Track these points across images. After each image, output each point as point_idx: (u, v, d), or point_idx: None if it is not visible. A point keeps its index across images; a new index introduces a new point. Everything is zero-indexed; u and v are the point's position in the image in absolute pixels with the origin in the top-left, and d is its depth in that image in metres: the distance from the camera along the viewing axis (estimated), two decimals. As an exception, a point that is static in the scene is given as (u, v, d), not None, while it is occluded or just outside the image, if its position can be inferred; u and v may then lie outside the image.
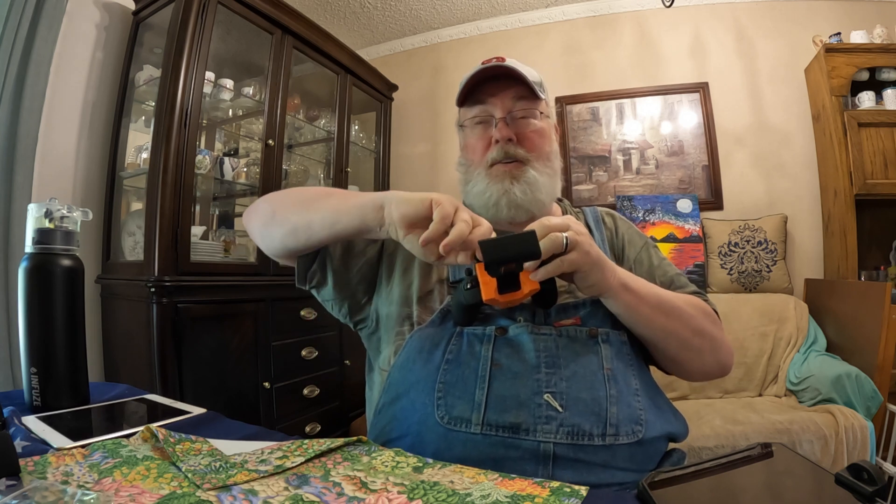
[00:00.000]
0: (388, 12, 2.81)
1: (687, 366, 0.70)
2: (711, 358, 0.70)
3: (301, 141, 2.49)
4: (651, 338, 0.66)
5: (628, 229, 0.83)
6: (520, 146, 0.74)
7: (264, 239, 0.72)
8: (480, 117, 0.76)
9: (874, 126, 2.08)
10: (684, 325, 0.66)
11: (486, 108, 0.75)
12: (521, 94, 0.74)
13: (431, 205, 0.53)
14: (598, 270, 0.58)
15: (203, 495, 0.39)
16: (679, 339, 0.66)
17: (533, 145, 0.74)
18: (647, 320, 0.64)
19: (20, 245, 1.49)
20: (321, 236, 0.65)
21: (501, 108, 0.74)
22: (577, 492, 0.40)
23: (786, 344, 2.05)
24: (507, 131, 0.73)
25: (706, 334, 0.68)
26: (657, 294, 0.65)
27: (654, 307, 0.64)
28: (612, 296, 0.61)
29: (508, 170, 0.73)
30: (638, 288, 0.63)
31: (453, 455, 0.56)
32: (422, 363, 0.63)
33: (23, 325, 0.63)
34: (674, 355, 0.69)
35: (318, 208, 0.65)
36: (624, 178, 2.64)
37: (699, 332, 0.67)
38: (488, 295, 0.56)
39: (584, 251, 0.56)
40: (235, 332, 1.76)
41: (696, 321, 0.67)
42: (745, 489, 0.45)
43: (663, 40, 2.65)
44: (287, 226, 0.68)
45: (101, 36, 1.82)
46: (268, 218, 0.71)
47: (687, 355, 0.69)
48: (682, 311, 0.66)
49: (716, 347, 0.70)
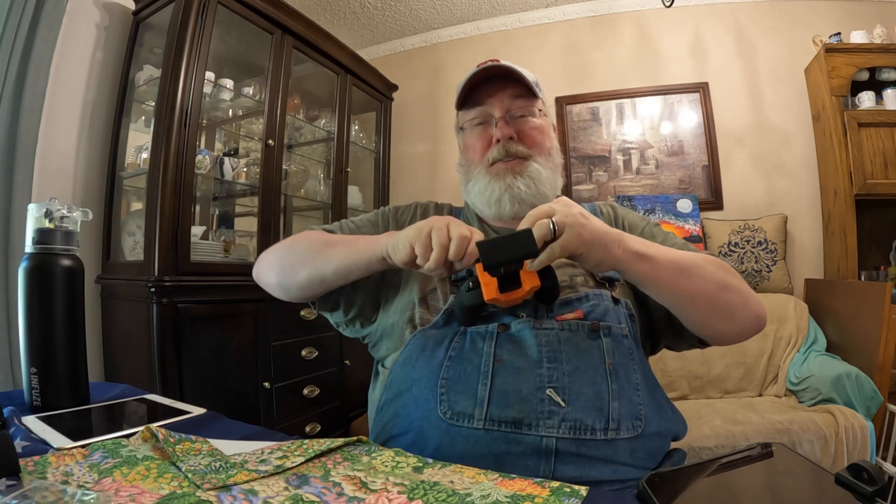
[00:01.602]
0: (388, 12, 2.81)
1: (720, 326, 0.66)
2: (744, 312, 0.66)
3: (301, 141, 2.49)
4: (676, 303, 0.64)
5: (627, 214, 0.83)
6: (520, 143, 0.74)
7: (282, 293, 0.76)
8: (480, 118, 0.76)
9: (874, 126, 2.08)
10: (708, 281, 0.63)
11: (485, 108, 0.76)
12: (519, 92, 0.75)
13: (412, 246, 0.58)
14: (600, 248, 0.57)
15: (203, 495, 0.39)
16: (706, 297, 0.63)
17: (534, 141, 0.75)
18: (668, 285, 0.62)
19: (20, 245, 1.49)
20: (335, 285, 0.72)
21: (500, 107, 0.74)
22: (577, 492, 0.40)
23: (786, 344, 2.05)
24: (508, 129, 0.74)
25: (732, 288, 0.65)
26: (674, 256, 0.63)
27: (673, 270, 0.61)
28: (624, 268, 0.60)
29: (510, 167, 0.74)
30: (653, 254, 0.61)
31: (455, 450, 0.56)
32: (424, 360, 0.63)
33: (23, 325, 0.63)
34: (704, 317, 0.65)
35: (327, 263, 0.69)
36: (624, 178, 2.64)
37: (725, 286, 0.64)
38: (490, 295, 0.56)
39: (575, 233, 0.55)
40: (235, 332, 1.76)
41: (719, 276, 0.64)
42: (745, 489, 0.45)
43: (663, 40, 2.65)
44: (301, 281, 0.72)
45: (101, 36, 1.82)
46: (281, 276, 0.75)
47: (718, 316, 0.65)
48: (702, 268, 0.63)
49: (745, 300, 0.66)
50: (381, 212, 0.85)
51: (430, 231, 0.57)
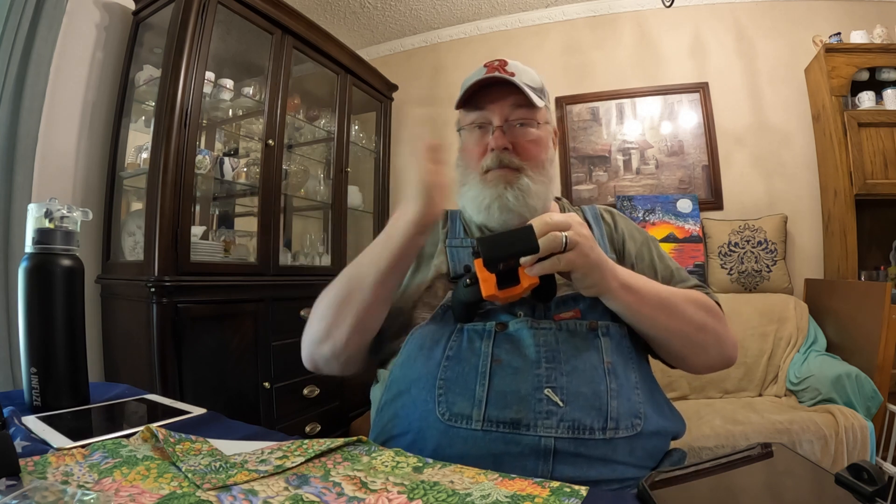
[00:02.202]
0: (388, 12, 2.81)
1: (691, 361, 0.71)
2: (715, 352, 0.70)
3: (301, 141, 2.49)
4: (654, 336, 0.67)
5: (627, 225, 0.84)
6: (515, 155, 0.73)
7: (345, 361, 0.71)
8: (478, 122, 0.76)
9: (874, 126, 2.08)
10: (687, 322, 0.66)
11: (485, 114, 0.75)
12: (521, 102, 0.74)
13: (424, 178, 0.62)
14: (598, 272, 0.58)
15: (203, 495, 0.39)
16: (682, 336, 0.67)
17: (528, 154, 0.74)
18: (649, 320, 0.64)
19: (20, 245, 1.49)
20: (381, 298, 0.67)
21: (500, 115, 0.74)
22: (577, 492, 0.40)
23: (786, 344, 2.05)
24: (504, 140, 0.73)
25: (709, 330, 0.68)
26: (658, 293, 0.65)
27: (655, 306, 0.64)
28: (612, 297, 0.62)
29: (503, 174, 0.73)
30: (639, 287, 0.63)
31: (454, 451, 0.57)
32: (423, 360, 0.63)
33: (23, 325, 0.63)
34: (677, 352, 0.69)
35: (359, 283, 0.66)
36: (624, 178, 2.64)
37: (702, 328, 0.67)
38: (488, 291, 0.56)
39: (584, 253, 0.56)
40: (235, 332, 1.76)
41: (698, 318, 0.67)
42: (745, 489, 0.45)
43: (663, 40, 2.65)
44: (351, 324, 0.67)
45: (101, 36, 1.82)
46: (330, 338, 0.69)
47: (691, 351, 0.69)
48: (684, 308, 0.66)
49: (720, 342, 0.70)
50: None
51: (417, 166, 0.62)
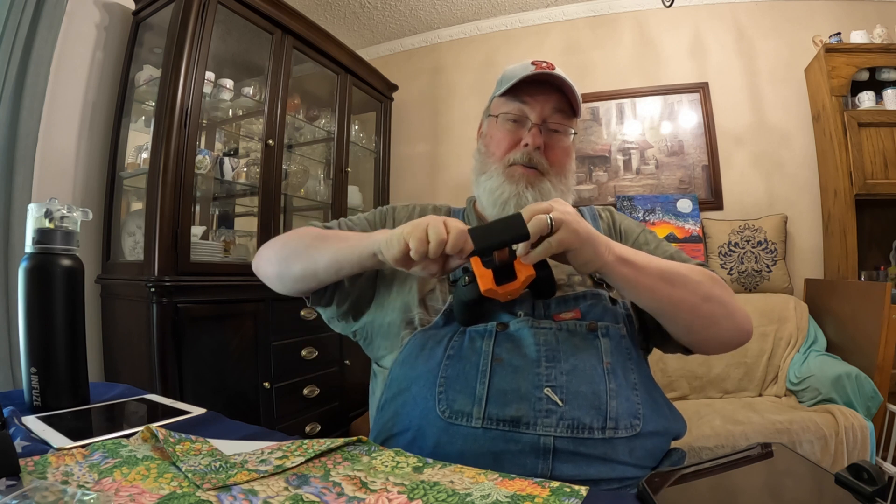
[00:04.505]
0: (388, 12, 2.81)
1: (703, 334, 0.68)
2: (728, 324, 0.67)
3: (301, 141, 2.49)
4: (658, 309, 0.65)
5: (625, 220, 0.85)
6: (544, 157, 0.74)
7: (279, 286, 0.76)
8: (515, 115, 0.76)
9: (874, 126, 2.07)
10: (691, 291, 0.64)
11: (524, 108, 0.75)
12: (561, 106, 0.75)
13: (405, 242, 0.56)
14: (590, 247, 0.58)
15: (203, 495, 0.39)
16: (688, 307, 0.64)
17: (556, 160, 0.75)
18: (650, 291, 0.63)
19: (20, 245, 1.49)
20: (327, 280, 0.71)
21: (539, 113, 0.74)
22: (577, 492, 0.40)
23: (786, 344, 2.05)
24: (540, 139, 0.74)
25: (715, 299, 0.66)
26: (658, 264, 0.64)
27: (656, 277, 0.62)
28: (609, 271, 0.61)
29: (526, 174, 0.73)
30: (636, 260, 0.62)
31: (454, 449, 0.57)
32: (424, 359, 0.64)
33: (23, 325, 0.63)
34: (687, 325, 0.66)
35: (320, 257, 0.69)
36: (624, 178, 2.64)
37: (708, 297, 0.65)
38: (486, 286, 0.56)
39: (572, 229, 0.56)
40: (235, 332, 1.76)
41: (703, 287, 0.65)
42: (745, 489, 0.45)
43: (663, 40, 2.65)
44: (296, 274, 0.72)
45: (101, 36, 1.82)
46: (277, 268, 0.75)
47: (700, 323, 0.66)
48: (686, 278, 0.64)
49: (729, 312, 0.67)
50: (379, 211, 0.86)
51: (426, 226, 0.56)
